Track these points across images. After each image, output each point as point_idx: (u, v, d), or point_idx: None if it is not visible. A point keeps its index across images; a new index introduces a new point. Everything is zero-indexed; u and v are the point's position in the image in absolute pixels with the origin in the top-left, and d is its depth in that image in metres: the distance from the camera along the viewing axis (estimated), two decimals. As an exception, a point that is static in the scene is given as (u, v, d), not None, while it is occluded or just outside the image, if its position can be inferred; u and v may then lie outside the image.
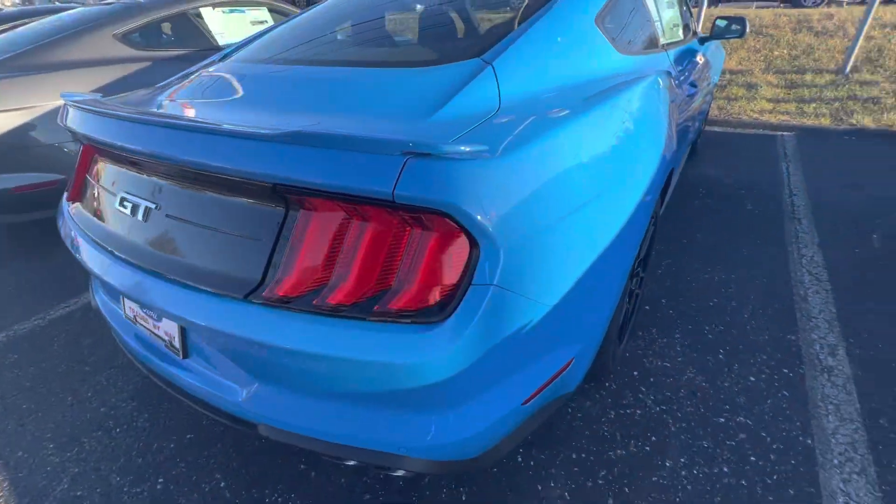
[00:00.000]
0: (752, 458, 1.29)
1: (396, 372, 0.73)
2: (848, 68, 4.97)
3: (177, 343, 1.00)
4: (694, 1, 8.50)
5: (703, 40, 2.62)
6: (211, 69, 1.40)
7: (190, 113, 1.08)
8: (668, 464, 1.29)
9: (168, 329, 1.02)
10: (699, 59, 2.35)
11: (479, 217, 0.69)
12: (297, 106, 1.02)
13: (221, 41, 2.95)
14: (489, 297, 0.72)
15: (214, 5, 3.00)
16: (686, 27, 2.56)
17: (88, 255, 1.07)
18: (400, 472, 0.91)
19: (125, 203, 0.98)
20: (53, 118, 2.31)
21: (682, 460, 1.29)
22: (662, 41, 1.84)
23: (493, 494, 1.23)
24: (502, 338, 0.78)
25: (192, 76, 1.39)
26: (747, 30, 2.52)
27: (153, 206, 0.93)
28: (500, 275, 0.73)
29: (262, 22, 3.19)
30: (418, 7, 1.61)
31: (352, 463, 0.93)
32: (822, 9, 7.02)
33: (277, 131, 0.70)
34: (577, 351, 1.07)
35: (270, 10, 3.27)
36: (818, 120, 4.34)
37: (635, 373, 1.60)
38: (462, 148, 0.69)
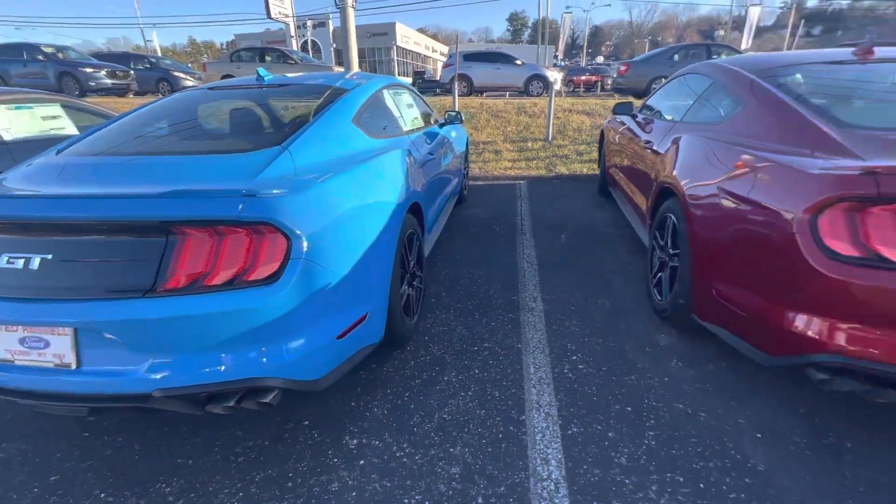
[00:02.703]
0: (491, 362, 2.18)
1: (253, 313, 1.30)
2: (550, 137, 7.41)
3: (68, 359, 1.33)
4: (447, 92, 10.98)
5: (442, 125, 3.90)
6: (65, 159, 1.76)
7: (73, 190, 1.47)
8: (446, 378, 2.07)
9: (57, 350, 1.34)
10: (439, 137, 3.55)
11: (288, 224, 1.36)
12: (161, 178, 1.54)
13: (7, 137, 2.95)
14: (301, 264, 1.38)
15: (-4, 103, 3.01)
16: (429, 117, 3.80)
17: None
18: (270, 398, 1.41)
19: (12, 261, 1.31)
20: None
21: (453, 374, 2.09)
22: (405, 128, 2.87)
23: (336, 427, 1.79)
24: (313, 290, 1.43)
25: (40, 167, 1.71)
26: (462, 118, 3.95)
27: (48, 256, 1.30)
28: (306, 253, 1.39)
29: (54, 117, 3.28)
30: (244, 112, 2.30)
31: (231, 405, 1.40)
32: (532, 99, 10.14)
33: (173, 189, 1.26)
34: (370, 309, 1.78)
35: (64, 106, 3.38)
36: (538, 171, 6.36)
37: (426, 337, 2.39)
38: (273, 191, 1.36)
